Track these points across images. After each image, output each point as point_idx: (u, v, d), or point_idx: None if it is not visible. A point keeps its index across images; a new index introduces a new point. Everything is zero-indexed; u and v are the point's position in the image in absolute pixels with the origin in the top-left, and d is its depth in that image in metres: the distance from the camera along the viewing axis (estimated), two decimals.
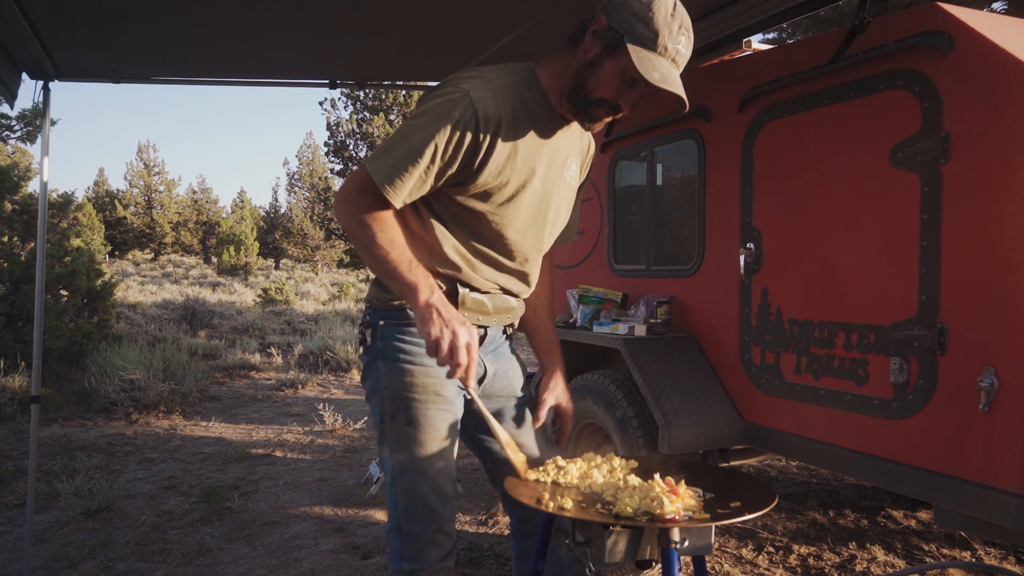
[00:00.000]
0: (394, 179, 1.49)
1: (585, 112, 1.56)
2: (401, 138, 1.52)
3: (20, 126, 13.31)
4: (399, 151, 1.50)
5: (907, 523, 3.60)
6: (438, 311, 1.47)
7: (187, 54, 3.24)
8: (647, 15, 1.44)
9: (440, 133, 1.48)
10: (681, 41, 1.47)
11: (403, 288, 1.51)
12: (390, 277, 1.52)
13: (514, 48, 3.10)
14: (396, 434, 1.64)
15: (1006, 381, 2.04)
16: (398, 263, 1.50)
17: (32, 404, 3.23)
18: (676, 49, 1.47)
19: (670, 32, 1.45)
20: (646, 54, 1.45)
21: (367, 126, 26.15)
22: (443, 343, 1.45)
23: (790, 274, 2.75)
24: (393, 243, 1.51)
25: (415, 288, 1.49)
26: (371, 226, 1.50)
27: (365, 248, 1.52)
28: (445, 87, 1.54)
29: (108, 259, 34.68)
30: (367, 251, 1.52)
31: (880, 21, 2.39)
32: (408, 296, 1.50)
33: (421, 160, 1.49)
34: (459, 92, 1.50)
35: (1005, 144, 2.04)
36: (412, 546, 1.63)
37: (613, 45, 1.48)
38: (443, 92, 1.52)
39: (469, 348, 1.47)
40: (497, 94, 1.53)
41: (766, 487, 1.49)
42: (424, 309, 1.47)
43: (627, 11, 1.46)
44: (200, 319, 12.60)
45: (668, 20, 1.45)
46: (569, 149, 1.71)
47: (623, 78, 1.49)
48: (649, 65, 1.44)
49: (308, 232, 30.45)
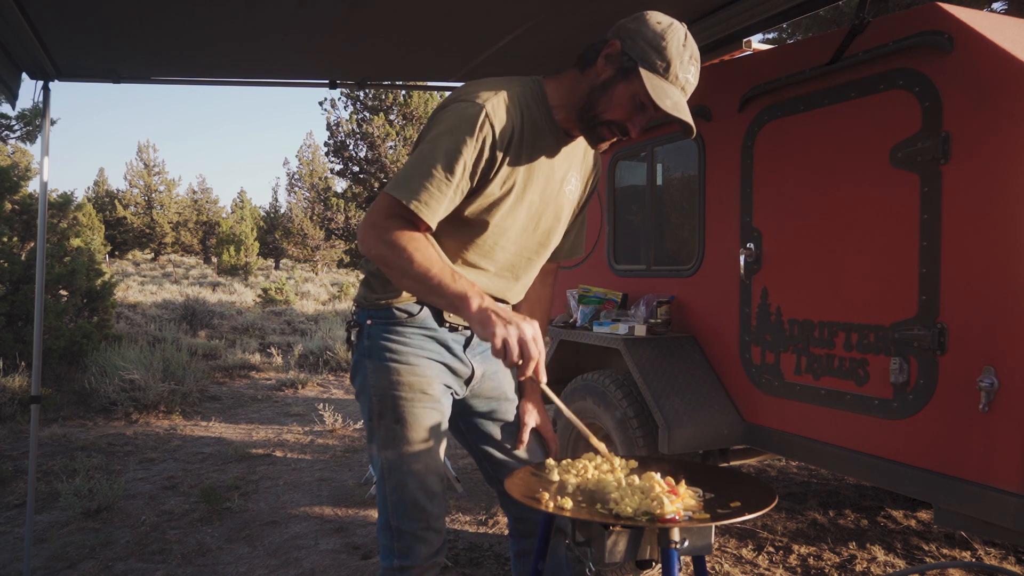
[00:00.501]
0: (427, 200, 1.49)
1: (593, 131, 1.60)
2: (425, 158, 1.51)
3: (20, 126, 13.31)
4: (425, 171, 1.49)
5: (907, 523, 3.60)
6: (495, 312, 1.44)
7: (187, 54, 3.24)
8: (660, 44, 1.49)
9: (464, 148, 1.50)
10: (691, 71, 1.53)
11: (452, 299, 1.48)
12: (435, 293, 1.50)
13: (514, 48, 3.10)
14: (384, 432, 1.66)
15: (1006, 381, 2.04)
16: (441, 277, 1.48)
17: (32, 404, 3.23)
18: (686, 79, 1.52)
19: (681, 62, 1.50)
20: (659, 81, 1.50)
21: (367, 126, 26.14)
22: (511, 341, 1.42)
23: (790, 274, 2.75)
24: (431, 260, 1.49)
25: (465, 296, 1.46)
26: (406, 247, 1.48)
27: (403, 271, 1.50)
28: (459, 102, 1.54)
29: (108, 259, 34.68)
30: (406, 273, 1.50)
31: (880, 21, 2.39)
32: (459, 306, 1.48)
33: (451, 178, 1.50)
34: (475, 106, 1.51)
35: (1005, 144, 2.04)
36: (402, 543, 1.65)
37: (626, 70, 1.52)
38: (458, 108, 1.53)
39: (536, 340, 1.45)
40: (511, 107, 1.55)
41: (766, 487, 1.49)
42: (481, 314, 1.45)
43: (641, 39, 1.51)
44: (200, 319, 12.60)
45: (680, 50, 1.50)
46: (570, 164, 1.73)
47: (633, 102, 1.54)
48: (662, 92, 1.49)
49: (308, 232, 30.46)
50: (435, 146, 1.51)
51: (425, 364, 1.68)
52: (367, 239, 1.53)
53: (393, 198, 1.49)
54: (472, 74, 3.55)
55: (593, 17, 2.67)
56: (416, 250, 1.48)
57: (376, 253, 1.52)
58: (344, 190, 28.91)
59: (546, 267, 1.92)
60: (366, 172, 27.25)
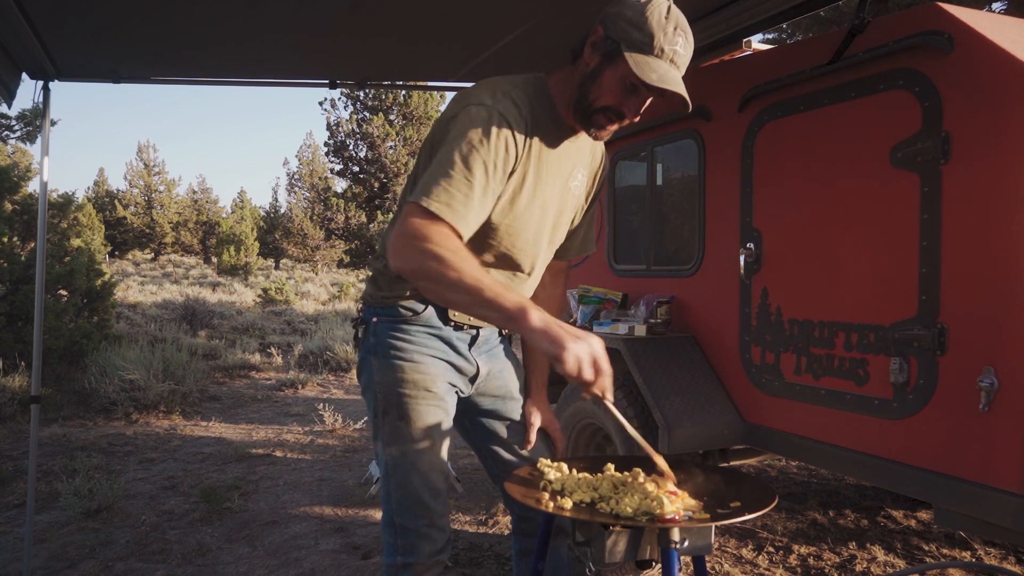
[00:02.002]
0: (458, 207, 1.43)
1: (590, 121, 1.58)
2: (447, 168, 1.46)
3: (20, 126, 13.30)
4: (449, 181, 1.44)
5: (907, 523, 3.60)
6: (560, 327, 1.37)
7: (187, 54, 3.24)
8: (641, 20, 1.46)
9: (486, 151, 1.47)
10: (678, 42, 1.48)
11: (507, 313, 1.39)
12: (488, 306, 1.40)
13: (514, 48, 3.10)
14: (388, 428, 1.67)
15: (1006, 381, 2.04)
16: (496, 289, 1.39)
17: (32, 404, 3.23)
18: (674, 50, 1.48)
19: (665, 34, 1.46)
20: (643, 58, 1.47)
21: (367, 126, 26.16)
22: (584, 358, 1.36)
23: (790, 274, 2.75)
24: (481, 271, 1.42)
25: (523, 310, 1.37)
26: (451, 260, 1.39)
27: (452, 286, 1.40)
28: (470, 106, 1.52)
29: (108, 259, 34.67)
30: (455, 288, 1.40)
31: (880, 21, 2.39)
32: (516, 320, 1.39)
33: (475, 183, 1.46)
34: (484, 108, 1.50)
35: (1005, 144, 2.04)
36: (405, 540, 1.66)
37: (611, 54, 1.50)
38: (471, 112, 1.51)
39: (605, 356, 1.40)
40: (520, 106, 1.55)
41: (766, 487, 1.49)
42: (546, 329, 1.36)
43: (621, 19, 1.49)
44: (200, 319, 12.60)
45: (662, 23, 1.46)
46: (576, 160, 1.73)
47: (623, 85, 1.51)
48: (646, 67, 1.46)
49: (308, 232, 30.45)
50: (455, 153, 1.46)
51: (429, 362, 1.69)
52: (405, 252, 1.44)
53: (424, 208, 1.42)
54: (472, 74, 3.55)
55: (593, 17, 2.66)
56: (463, 260, 1.40)
57: (417, 266, 1.43)
58: (344, 190, 28.91)
59: (556, 266, 1.91)
60: (366, 172, 27.25)
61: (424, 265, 1.41)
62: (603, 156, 1.85)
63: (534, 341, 1.37)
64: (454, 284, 1.39)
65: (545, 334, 1.36)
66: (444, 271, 1.39)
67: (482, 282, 1.39)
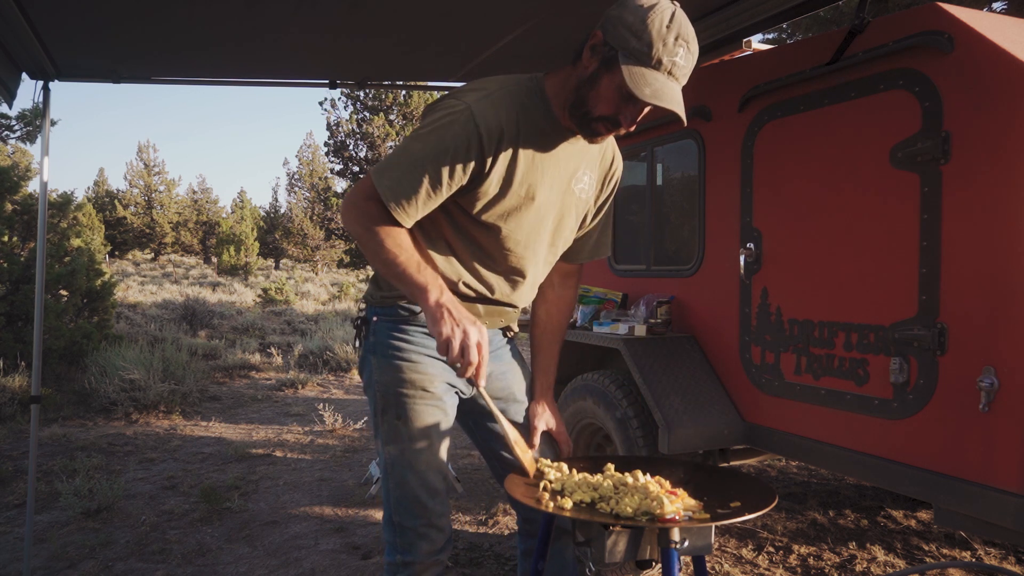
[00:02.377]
0: (401, 199, 1.52)
1: (587, 127, 1.56)
2: (404, 155, 1.53)
3: (20, 126, 13.31)
4: (403, 169, 1.52)
5: (907, 523, 3.60)
6: (448, 311, 1.48)
7: (187, 54, 3.24)
8: (641, 28, 1.40)
9: (443, 149, 1.50)
10: (678, 53, 1.42)
11: (413, 289, 1.52)
12: (399, 280, 1.54)
13: (514, 48, 3.10)
14: (387, 428, 1.68)
15: (1006, 381, 2.04)
16: (407, 265, 1.51)
17: (32, 404, 3.23)
18: (672, 62, 1.42)
19: (664, 44, 1.40)
20: (639, 70, 1.41)
21: (367, 126, 26.16)
22: (454, 342, 1.46)
23: (790, 274, 2.75)
24: (401, 246, 1.53)
25: (425, 288, 1.50)
26: (378, 232, 1.52)
27: (374, 253, 1.55)
28: (447, 100, 1.55)
29: (108, 259, 34.67)
30: (376, 256, 1.55)
31: (880, 21, 2.39)
32: (418, 297, 1.51)
33: (425, 179, 1.51)
34: (461, 105, 1.51)
35: (1005, 144, 2.04)
36: (403, 539, 1.66)
37: (608, 61, 1.46)
38: (445, 106, 1.54)
39: (480, 347, 1.48)
40: (499, 106, 1.53)
41: (766, 487, 1.49)
42: (435, 309, 1.48)
43: (622, 25, 1.43)
44: (200, 319, 12.60)
45: (663, 32, 1.40)
46: (579, 161, 1.69)
47: (620, 94, 1.46)
48: (641, 80, 1.41)
49: (308, 232, 30.47)
50: (418, 141, 1.53)
51: (428, 362, 1.69)
52: (347, 216, 1.58)
53: (374, 188, 1.53)
54: (472, 74, 3.55)
55: (593, 17, 2.66)
56: (387, 236, 1.52)
57: (353, 231, 1.57)
58: (344, 190, 28.91)
59: (567, 269, 1.90)
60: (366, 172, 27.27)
61: (356, 231, 1.56)
62: (615, 158, 1.81)
63: (426, 318, 1.50)
64: (375, 253, 1.54)
65: (432, 313, 1.49)
66: (369, 241, 1.54)
67: (398, 257, 1.52)
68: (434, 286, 1.50)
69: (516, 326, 1.89)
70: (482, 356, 1.49)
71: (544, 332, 1.92)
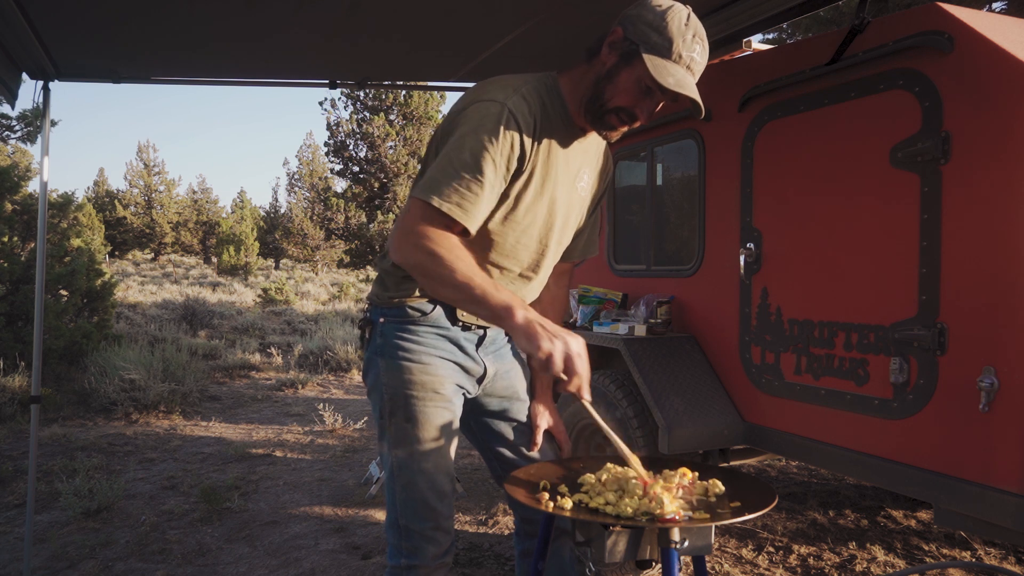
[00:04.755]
0: (462, 203, 1.46)
1: (601, 121, 1.58)
2: (454, 163, 1.48)
3: (20, 126, 13.31)
4: (456, 175, 1.47)
5: (907, 523, 3.60)
6: (542, 325, 1.41)
7: (187, 54, 3.24)
8: (661, 24, 1.49)
9: (493, 148, 1.48)
10: (696, 49, 1.51)
11: (496, 310, 1.44)
12: (478, 303, 1.46)
13: (514, 48, 3.10)
14: (394, 430, 1.66)
15: (1006, 381, 2.04)
16: (485, 287, 1.44)
17: (32, 404, 3.23)
18: (691, 57, 1.51)
19: (684, 40, 1.49)
20: (661, 62, 1.48)
21: (367, 126, 26.15)
22: (556, 356, 1.39)
23: (790, 274, 2.75)
24: (474, 269, 1.46)
25: (510, 307, 1.43)
26: (445, 257, 1.44)
27: (444, 280, 1.46)
28: (479, 102, 1.53)
29: (108, 259, 34.67)
30: (447, 283, 1.46)
31: (880, 21, 2.39)
32: (504, 317, 1.44)
33: (484, 179, 1.48)
34: (496, 104, 1.51)
35: (1005, 144, 2.04)
36: (410, 542, 1.65)
37: (629, 55, 1.51)
38: (481, 108, 1.52)
39: (581, 357, 1.42)
40: (531, 103, 1.56)
41: (766, 487, 1.49)
42: (527, 326, 1.41)
43: (642, 22, 1.51)
44: (200, 319, 12.60)
45: (682, 29, 1.49)
46: (583, 160, 1.72)
47: (639, 87, 1.53)
48: (664, 71, 1.48)
49: (308, 232, 30.45)
50: (462, 148, 1.48)
51: (437, 363, 1.68)
52: (403, 247, 1.48)
53: (426, 203, 1.46)
54: (472, 74, 3.55)
55: (594, 17, 2.66)
56: (458, 258, 1.45)
57: (414, 262, 1.48)
58: (344, 190, 28.91)
59: (561, 267, 1.91)
60: (366, 172, 27.24)
61: (419, 260, 1.47)
62: (608, 158, 1.85)
63: (516, 338, 1.43)
64: (445, 280, 1.45)
65: (525, 331, 1.41)
66: (436, 268, 1.45)
67: (473, 280, 1.44)
68: (518, 303, 1.44)
69: None
70: (585, 367, 1.43)
71: None
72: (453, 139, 1.51)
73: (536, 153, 1.58)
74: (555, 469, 1.69)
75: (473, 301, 1.46)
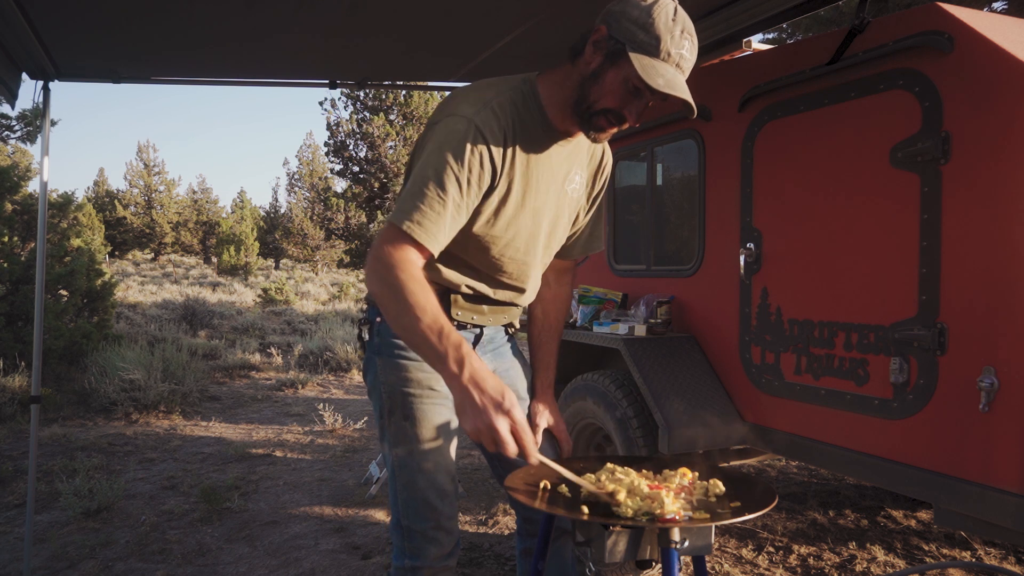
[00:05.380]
0: (422, 222, 1.41)
1: (589, 123, 1.52)
2: (416, 181, 1.44)
3: (20, 126, 13.30)
4: (421, 197, 1.42)
5: (907, 523, 3.60)
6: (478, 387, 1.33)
7: (187, 54, 3.24)
8: (647, 21, 1.41)
9: (458, 167, 1.44)
10: (684, 46, 1.43)
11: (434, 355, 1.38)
12: (417, 347, 1.41)
13: (514, 48, 3.10)
14: (394, 429, 1.66)
15: (1006, 381, 2.04)
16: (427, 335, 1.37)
17: (32, 404, 3.23)
18: (680, 54, 1.43)
19: (672, 37, 1.41)
20: (649, 61, 1.41)
21: (367, 126, 26.14)
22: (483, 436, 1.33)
23: (790, 274, 2.75)
24: (425, 309, 1.37)
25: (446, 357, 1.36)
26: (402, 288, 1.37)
27: (391, 318, 1.41)
28: (446, 117, 1.49)
29: (108, 259, 34.66)
30: (394, 321, 1.40)
31: (880, 21, 2.39)
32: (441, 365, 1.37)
33: (447, 199, 1.43)
34: (463, 120, 1.47)
35: (1005, 144, 2.04)
36: (412, 543, 1.64)
37: (615, 54, 1.44)
38: (447, 124, 1.48)
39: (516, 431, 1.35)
40: (500, 116, 1.51)
41: (766, 487, 1.49)
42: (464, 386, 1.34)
43: (626, 19, 1.43)
44: (200, 319, 12.60)
45: (669, 25, 1.41)
46: (571, 162, 1.68)
47: (626, 87, 1.46)
48: (652, 71, 1.40)
49: (308, 232, 30.45)
50: (427, 166, 1.45)
51: None
52: (369, 275, 1.44)
53: (392, 225, 1.42)
54: (472, 74, 3.55)
55: (594, 17, 2.66)
56: (412, 292, 1.37)
57: (374, 290, 1.43)
58: (344, 190, 28.91)
59: (562, 265, 1.89)
60: (366, 172, 27.23)
61: (378, 291, 1.42)
62: (605, 154, 1.80)
63: (451, 391, 1.37)
64: (393, 318, 1.40)
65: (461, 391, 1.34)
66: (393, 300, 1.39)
67: (420, 322, 1.37)
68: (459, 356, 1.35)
69: (518, 323, 1.88)
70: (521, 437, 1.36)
71: (542, 330, 1.92)
72: (421, 159, 1.48)
73: (512, 166, 1.54)
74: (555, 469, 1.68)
75: (414, 344, 1.41)
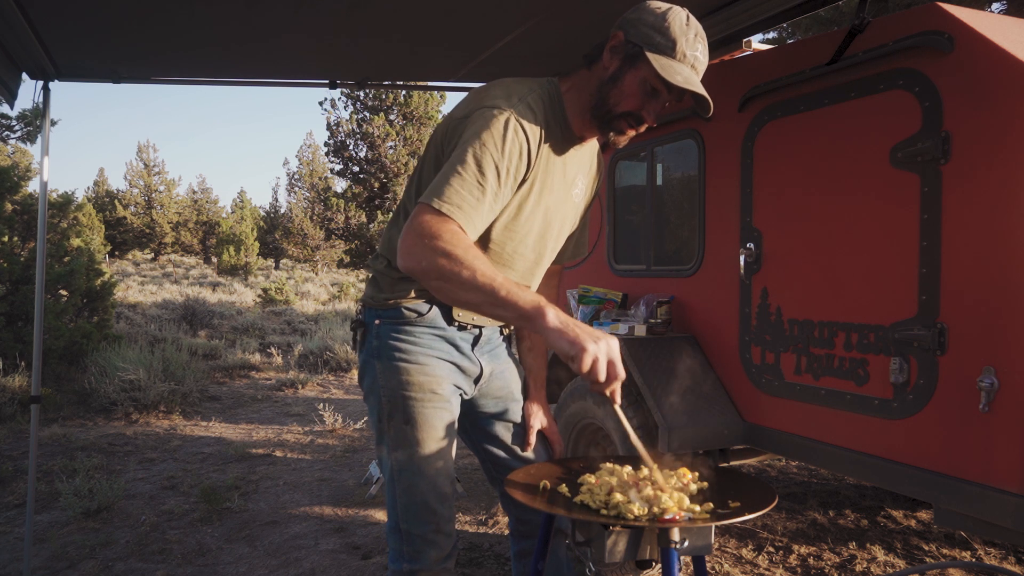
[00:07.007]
0: (466, 210, 1.42)
1: (609, 127, 1.58)
2: (459, 170, 1.44)
3: (20, 126, 13.29)
4: (461, 182, 1.42)
5: (907, 523, 3.60)
6: (578, 326, 1.35)
7: (187, 54, 3.24)
8: (663, 25, 1.49)
9: (500, 157, 1.46)
10: (698, 48, 1.52)
11: (524, 311, 1.37)
12: (502, 305, 1.37)
13: (514, 48, 3.10)
14: (394, 433, 1.65)
15: (1006, 381, 2.04)
16: (509, 287, 1.37)
17: (32, 404, 3.23)
18: (695, 56, 1.52)
19: (687, 39, 1.50)
20: (667, 61, 1.49)
21: (367, 126, 26.13)
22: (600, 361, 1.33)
23: (790, 274, 2.75)
24: (493, 268, 1.38)
25: (540, 308, 1.36)
26: (464, 258, 1.36)
27: (465, 283, 1.36)
28: (484, 108, 1.50)
29: (108, 259, 34.67)
30: (467, 284, 1.36)
31: (880, 21, 2.39)
32: (534, 318, 1.36)
33: (487, 187, 1.44)
34: (502, 112, 1.49)
35: (1005, 144, 2.04)
36: (411, 546, 1.64)
37: (633, 57, 1.52)
38: (485, 115, 1.49)
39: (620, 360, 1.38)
40: (536, 112, 1.55)
41: (766, 487, 1.49)
42: (564, 329, 1.34)
43: (643, 24, 1.51)
44: (200, 319, 12.60)
45: (684, 29, 1.50)
46: (578, 168, 1.73)
47: (644, 89, 1.53)
48: (671, 70, 1.48)
49: (308, 232, 30.44)
50: (467, 154, 1.45)
51: (435, 364, 1.67)
52: (416, 251, 1.39)
53: (432, 208, 1.40)
54: (472, 74, 3.55)
55: (593, 17, 2.67)
56: (476, 258, 1.37)
57: (428, 265, 1.38)
58: (344, 190, 28.88)
59: (552, 269, 1.91)
60: (366, 172, 27.22)
61: (436, 263, 1.37)
62: (599, 162, 1.85)
63: (551, 340, 1.36)
64: (467, 282, 1.36)
65: (563, 333, 1.34)
66: (457, 269, 1.36)
67: (495, 280, 1.37)
68: (546, 304, 1.37)
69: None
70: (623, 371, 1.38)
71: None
72: (459, 146, 1.47)
73: (539, 165, 1.57)
74: (555, 469, 1.69)
75: (498, 303, 1.37)
